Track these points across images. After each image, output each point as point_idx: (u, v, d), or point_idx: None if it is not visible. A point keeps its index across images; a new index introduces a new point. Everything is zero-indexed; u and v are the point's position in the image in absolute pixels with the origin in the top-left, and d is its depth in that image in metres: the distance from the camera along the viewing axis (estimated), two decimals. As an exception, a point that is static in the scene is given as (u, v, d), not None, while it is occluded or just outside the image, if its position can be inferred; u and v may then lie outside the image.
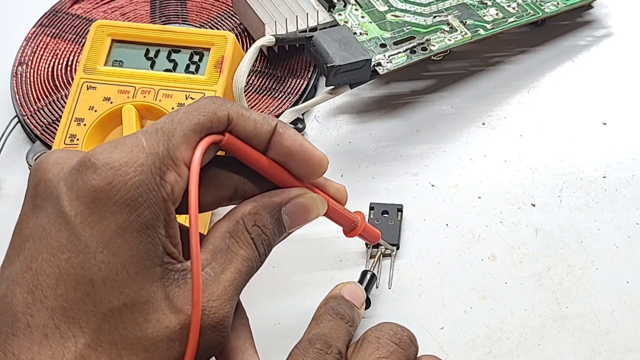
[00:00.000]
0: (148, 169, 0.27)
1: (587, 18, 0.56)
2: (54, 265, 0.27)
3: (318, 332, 0.32)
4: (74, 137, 0.45)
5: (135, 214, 0.27)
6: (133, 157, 0.27)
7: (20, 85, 0.53)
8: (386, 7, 0.52)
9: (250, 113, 0.30)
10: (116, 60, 0.48)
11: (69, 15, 0.57)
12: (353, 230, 0.38)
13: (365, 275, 0.42)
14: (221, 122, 0.29)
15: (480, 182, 0.48)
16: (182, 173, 0.28)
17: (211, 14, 0.56)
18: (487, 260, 0.44)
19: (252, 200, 0.31)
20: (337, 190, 0.35)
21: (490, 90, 0.52)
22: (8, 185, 0.50)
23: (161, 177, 0.28)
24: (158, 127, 0.29)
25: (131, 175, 0.27)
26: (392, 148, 0.50)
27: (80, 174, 0.27)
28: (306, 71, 0.53)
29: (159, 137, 0.28)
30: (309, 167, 0.32)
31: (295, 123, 0.50)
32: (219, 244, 0.30)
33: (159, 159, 0.28)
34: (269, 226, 0.31)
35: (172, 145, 0.28)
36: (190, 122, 0.29)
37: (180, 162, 0.28)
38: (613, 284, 0.43)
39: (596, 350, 0.41)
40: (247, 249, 0.30)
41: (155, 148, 0.28)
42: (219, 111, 0.29)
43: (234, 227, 0.30)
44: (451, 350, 0.41)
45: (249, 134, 0.30)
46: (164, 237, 0.28)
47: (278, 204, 0.32)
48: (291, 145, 0.31)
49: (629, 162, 0.48)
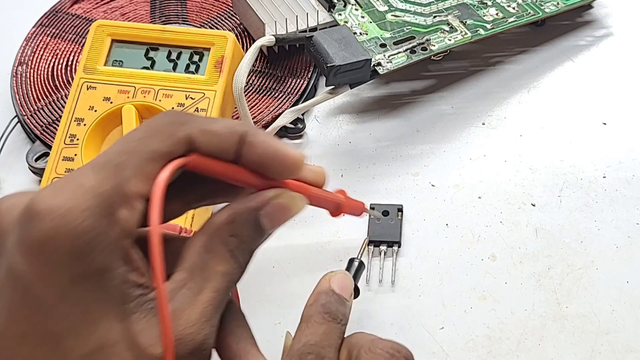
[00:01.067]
0: (95, 211, 0.26)
1: (587, 18, 0.56)
2: (15, 325, 0.26)
3: (308, 342, 0.31)
4: (74, 137, 0.45)
5: (87, 260, 0.25)
6: (77, 201, 0.25)
7: (20, 85, 0.53)
8: (386, 7, 0.52)
9: (214, 126, 0.28)
10: (116, 60, 0.48)
11: (69, 15, 0.57)
12: (338, 209, 0.36)
13: (352, 263, 0.41)
14: (182, 144, 0.27)
15: (480, 182, 0.48)
16: (134, 207, 0.27)
17: (211, 14, 0.56)
18: (487, 260, 0.44)
19: (228, 207, 0.30)
20: (315, 174, 0.33)
21: (490, 90, 0.52)
22: (8, 185, 0.50)
23: (111, 216, 0.26)
24: (109, 158, 0.27)
25: (77, 222, 0.25)
26: (392, 148, 0.50)
27: (25, 225, 0.25)
28: (306, 71, 0.53)
29: (108, 172, 0.26)
30: (284, 169, 0.30)
31: (295, 123, 0.50)
32: (195, 261, 0.28)
33: (107, 199, 0.26)
34: (247, 232, 0.29)
35: (123, 180, 0.26)
36: (145, 150, 0.27)
37: (132, 196, 0.26)
38: (613, 284, 0.43)
39: (596, 350, 0.41)
40: (224, 263, 0.29)
41: (103, 186, 0.26)
42: (178, 132, 0.27)
43: (210, 240, 0.29)
44: (451, 350, 0.41)
45: (216, 150, 0.28)
46: (126, 272, 0.26)
47: (255, 209, 0.30)
48: (263, 152, 0.29)
49: (629, 162, 0.48)
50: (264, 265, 0.44)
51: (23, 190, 0.29)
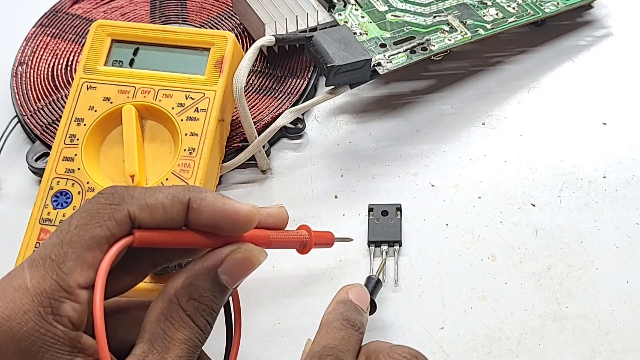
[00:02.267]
0: (35, 314, 0.25)
1: (587, 18, 0.56)
2: None
3: (328, 345, 0.31)
4: (74, 137, 0.45)
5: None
6: (16, 306, 0.25)
7: (20, 85, 0.53)
8: (386, 7, 0.52)
9: (156, 198, 0.28)
10: (116, 60, 0.48)
11: (69, 15, 0.57)
12: (305, 247, 0.36)
13: (370, 280, 0.42)
14: (122, 225, 0.27)
15: (480, 182, 0.48)
16: (79, 299, 0.26)
17: (211, 14, 0.56)
18: (487, 260, 0.44)
19: (184, 270, 0.29)
20: (275, 217, 0.32)
21: (490, 90, 0.52)
22: (8, 185, 0.50)
23: (54, 314, 0.26)
24: (46, 253, 0.26)
25: (17, 328, 0.25)
26: (392, 148, 0.50)
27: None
28: (306, 71, 0.53)
29: (47, 269, 0.26)
30: (235, 228, 0.29)
31: (295, 123, 0.50)
32: (154, 330, 0.28)
33: (47, 297, 0.26)
34: (207, 294, 0.29)
35: (63, 274, 0.26)
36: (83, 239, 0.26)
37: (75, 288, 0.26)
38: (613, 284, 0.43)
39: (596, 350, 0.41)
40: (184, 329, 0.28)
41: (42, 285, 0.26)
42: (116, 213, 0.27)
43: (168, 307, 0.28)
44: (451, 350, 0.41)
45: (161, 222, 0.28)
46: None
47: (212, 267, 0.29)
48: (211, 215, 0.28)
49: (629, 162, 0.48)
50: (264, 265, 0.44)
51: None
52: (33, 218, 0.43)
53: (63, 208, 0.43)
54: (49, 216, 0.43)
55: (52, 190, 0.43)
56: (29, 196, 0.48)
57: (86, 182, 0.43)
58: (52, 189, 0.43)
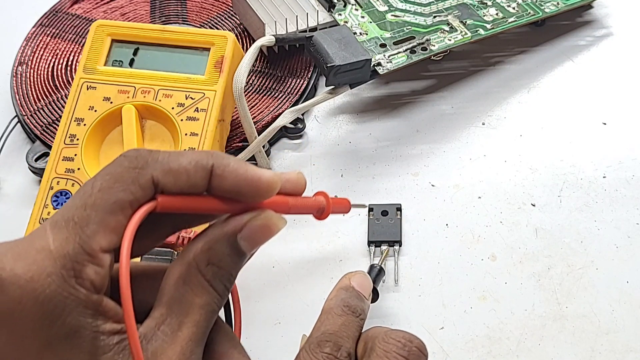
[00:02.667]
0: (58, 276, 0.25)
1: (587, 18, 0.56)
2: None
3: (327, 330, 0.31)
4: (74, 137, 0.45)
5: (58, 324, 0.25)
6: (39, 268, 0.25)
7: (20, 85, 0.53)
8: (386, 7, 0.52)
9: (180, 163, 0.27)
10: (116, 60, 0.48)
11: (69, 15, 0.57)
12: (323, 213, 0.35)
13: (373, 268, 0.42)
14: (146, 189, 0.27)
15: (480, 182, 0.48)
16: (101, 262, 0.26)
17: (211, 14, 0.56)
18: (487, 260, 0.44)
19: (204, 234, 0.29)
20: (293, 183, 0.32)
21: (490, 90, 0.52)
22: (8, 185, 0.50)
23: (77, 277, 0.26)
24: (69, 215, 0.26)
25: (40, 290, 0.25)
26: (392, 148, 0.50)
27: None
28: (306, 71, 0.53)
29: (70, 232, 0.26)
30: (258, 194, 0.29)
31: (295, 123, 0.50)
32: (173, 294, 0.28)
33: (70, 260, 0.26)
34: (226, 259, 0.29)
35: (86, 237, 0.26)
36: (107, 202, 0.26)
37: (97, 252, 0.26)
38: (613, 284, 0.43)
39: (596, 350, 0.41)
40: (202, 295, 0.28)
41: (65, 247, 0.26)
42: (140, 177, 0.27)
43: (187, 271, 0.28)
44: (451, 350, 0.41)
45: (184, 188, 0.27)
46: (101, 325, 0.26)
47: (232, 233, 0.29)
48: (235, 181, 0.28)
49: (629, 162, 0.48)
50: (264, 265, 0.44)
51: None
52: (33, 218, 0.43)
53: (63, 208, 0.43)
54: (49, 216, 0.43)
55: (52, 190, 0.43)
56: (29, 196, 0.48)
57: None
58: (52, 189, 0.43)
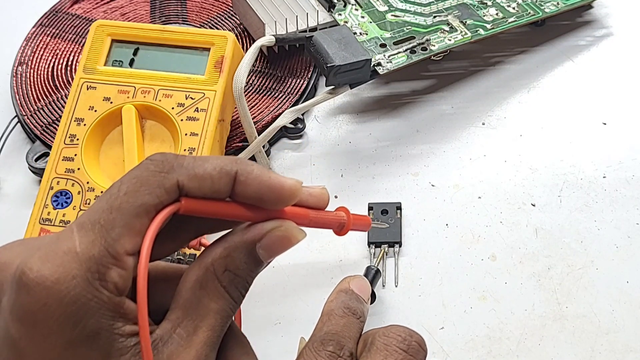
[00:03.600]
0: (83, 279, 0.26)
1: (587, 18, 0.56)
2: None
3: (330, 330, 0.31)
4: (74, 137, 0.45)
5: (80, 327, 0.26)
6: (65, 271, 0.26)
7: (20, 85, 0.53)
8: (386, 7, 0.52)
9: (204, 168, 0.28)
10: (116, 60, 0.48)
11: (69, 15, 0.57)
12: (343, 228, 0.36)
13: (369, 270, 0.42)
14: (171, 193, 0.27)
15: (480, 182, 0.48)
16: (125, 265, 0.27)
17: (211, 14, 0.56)
18: (487, 260, 0.44)
19: (223, 240, 0.29)
20: (316, 198, 0.32)
21: (490, 90, 0.52)
22: (8, 185, 0.50)
23: (101, 280, 0.26)
24: (95, 218, 0.26)
25: (65, 292, 0.25)
26: (392, 148, 0.50)
27: (16, 294, 0.26)
28: (306, 71, 0.53)
29: (96, 235, 0.26)
30: (280, 201, 0.29)
31: (295, 123, 0.50)
32: (189, 297, 0.28)
33: (96, 263, 0.26)
34: (243, 267, 0.29)
35: (112, 240, 0.26)
36: (132, 206, 0.26)
37: (122, 255, 0.26)
38: (613, 284, 0.43)
39: (596, 350, 0.41)
40: (218, 300, 0.28)
41: (91, 250, 0.26)
42: (166, 182, 0.27)
43: (204, 275, 0.29)
44: (451, 350, 0.41)
45: (207, 193, 0.28)
46: (121, 327, 0.27)
47: (251, 241, 0.29)
48: (257, 188, 0.29)
49: (629, 162, 0.48)
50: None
51: (14, 242, 0.29)
52: (33, 218, 0.43)
53: (63, 208, 0.43)
54: (49, 216, 0.43)
55: (52, 190, 0.43)
56: (29, 196, 0.48)
57: (86, 182, 0.43)
58: (52, 189, 0.43)
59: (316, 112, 0.52)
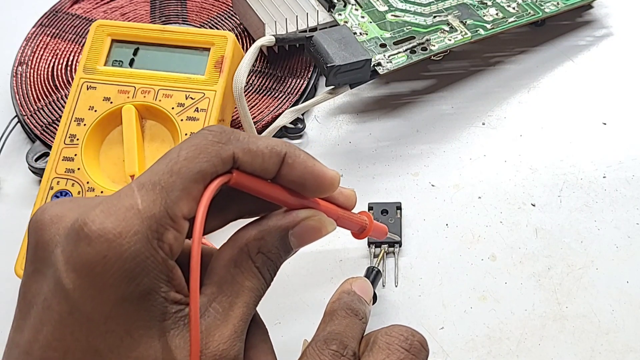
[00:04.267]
0: (144, 236, 0.26)
1: (587, 18, 0.56)
2: (59, 339, 0.26)
3: (333, 330, 0.32)
4: (74, 137, 0.45)
5: (134, 284, 0.26)
6: (127, 226, 0.26)
7: (20, 85, 0.53)
8: (386, 7, 0.52)
9: (257, 145, 0.29)
10: (116, 60, 0.48)
11: (69, 15, 0.57)
12: (362, 232, 0.37)
13: (371, 272, 0.42)
14: (226, 164, 0.28)
15: (480, 182, 0.48)
16: (181, 229, 0.27)
17: (211, 14, 0.56)
18: (487, 260, 0.44)
19: (257, 223, 0.30)
20: (346, 197, 0.34)
21: (490, 90, 0.52)
22: (8, 185, 0.50)
23: (159, 239, 0.26)
24: (156, 179, 0.27)
25: (126, 247, 0.26)
26: (392, 148, 0.50)
27: (75, 245, 0.26)
28: (306, 71, 0.53)
29: (156, 195, 0.27)
30: (320, 189, 0.31)
31: (295, 123, 0.50)
32: (223, 275, 0.29)
33: (156, 222, 0.26)
34: (275, 251, 0.30)
35: (171, 202, 0.27)
36: (191, 171, 0.27)
37: (180, 217, 0.27)
38: (613, 284, 0.43)
39: (596, 350, 0.41)
40: (252, 279, 0.29)
41: (152, 209, 0.26)
42: (223, 152, 0.28)
43: (238, 255, 0.29)
44: (451, 350, 0.41)
45: (257, 169, 0.29)
46: (167, 291, 0.27)
47: (285, 228, 0.30)
48: (302, 173, 0.30)
49: (629, 162, 0.48)
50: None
51: (64, 199, 0.29)
52: (33, 218, 0.43)
53: (63, 208, 0.43)
54: (49, 216, 0.43)
55: (52, 190, 0.43)
56: (29, 196, 0.48)
57: (86, 182, 0.43)
58: (52, 189, 0.43)
59: (316, 112, 0.52)
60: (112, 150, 0.45)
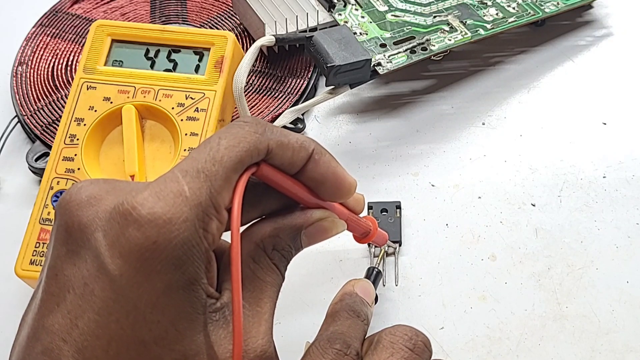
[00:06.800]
0: (192, 224, 0.26)
1: (587, 18, 0.56)
2: (103, 327, 0.25)
3: (336, 330, 0.32)
4: (74, 137, 0.45)
5: (180, 272, 0.26)
6: (177, 212, 0.25)
7: (20, 85, 0.53)
8: (386, 7, 0.52)
9: (289, 139, 0.29)
10: (116, 60, 0.48)
11: (69, 15, 0.57)
12: (365, 237, 0.37)
13: (372, 272, 0.42)
14: (260, 155, 0.28)
15: (480, 182, 0.48)
16: (223, 219, 0.27)
17: (211, 14, 0.56)
18: (487, 260, 0.44)
19: (272, 220, 0.30)
20: (356, 201, 0.34)
21: (490, 90, 0.52)
22: (8, 185, 0.50)
23: (204, 229, 0.26)
24: (199, 167, 0.26)
25: (176, 234, 0.25)
26: (392, 148, 0.50)
27: (121, 229, 0.25)
28: (306, 71, 0.53)
29: (202, 183, 0.26)
30: (338, 193, 0.31)
31: (295, 123, 0.50)
32: (244, 270, 0.29)
33: (203, 210, 0.26)
34: (287, 248, 0.30)
35: (215, 191, 0.26)
36: (232, 161, 0.27)
37: (222, 207, 0.27)
38: (613, 284, 0.43)
39: (596, 350, 0.41)
40: (272, 274, 0.29)
41: (199, 197, 0.26)
42: (259, 143, 0.28)
43: (255, 250, 0.29)
44: (451, 350, 0.41)
45: (285, 163, 0.29)
46: (206, 284, 0.27)
47: (299, 227, 0.31)
48: (325, 172, 0.30)
49: (629, 162, 0.48)
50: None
51: (96, 179, 0.28)
52: (33, 218, 0.43)
53: (63, 208, 0.43)
54: (49, 216, 0.43)
55: (52, 190, 0.43)
56: (29, 196, 0.48)
57: (86, 182, 0.43)
58: (52, 189, 0.43)
59: (316, 112, 0.52)
60: (112, 150, 0.45)
